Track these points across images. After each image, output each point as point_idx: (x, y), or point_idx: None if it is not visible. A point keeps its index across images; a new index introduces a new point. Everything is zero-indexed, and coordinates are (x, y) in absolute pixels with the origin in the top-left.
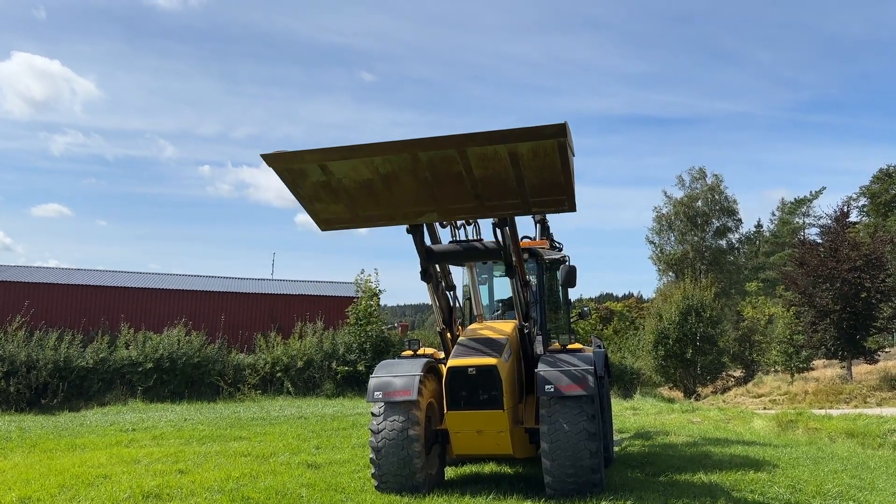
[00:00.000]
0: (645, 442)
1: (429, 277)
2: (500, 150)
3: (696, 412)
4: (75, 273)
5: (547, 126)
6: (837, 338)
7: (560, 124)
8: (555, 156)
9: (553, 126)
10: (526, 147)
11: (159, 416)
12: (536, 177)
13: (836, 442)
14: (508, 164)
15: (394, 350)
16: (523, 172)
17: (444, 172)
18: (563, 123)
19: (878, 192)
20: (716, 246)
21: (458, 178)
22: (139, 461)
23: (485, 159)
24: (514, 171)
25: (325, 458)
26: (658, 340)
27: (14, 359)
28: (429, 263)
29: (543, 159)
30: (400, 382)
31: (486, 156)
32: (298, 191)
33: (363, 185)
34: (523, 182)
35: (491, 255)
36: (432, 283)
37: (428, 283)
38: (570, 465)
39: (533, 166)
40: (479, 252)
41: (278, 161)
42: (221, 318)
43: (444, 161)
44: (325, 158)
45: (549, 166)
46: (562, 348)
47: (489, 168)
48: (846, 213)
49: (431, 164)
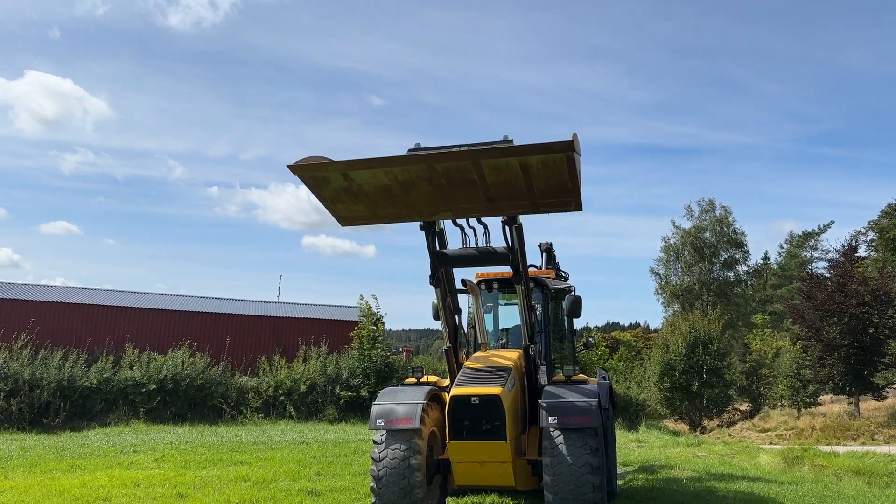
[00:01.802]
0: (649, 476)
1: (438, 282)
2: (511, 161)
3: (701, 446)
4: (82, 292)
5: (557, 143)
6: (845, 373)
7: (568, 141)
8: (563, 166)
9: (562, 143)
10: (536, 159)
11: (161, 438)
12: (545, 183)
13: (842, 480)
14: (519, 172)
15: (397, 376)
16: (533, 180)
17: (459, 179)
18: (570, 141)
19: (887, 227)
20: (723, 278)
21: (471, 184)
22: (139, 484)
23: (497, 169)
24: (525, 178)
25: (326, 485)
26: (664, 372)
27: (17, 377)
28: (439, 267)
29: (552, 169)
30: (402, 410)
31: (499, 166)
32: (321, 194)
33: (382, 190)
34: (532, 187)
35: (500, 259)
36: (440, 290)
37: (437, 287)
38: (572, 498)
39: (542, 175)
40: (488, 255)
41: (305, 171)
42: (227, 340)
43: (459, 170)
44: (347, 168)
45: (557, 174)
46: (566, 380)
47: (501, 176)
48: (854, 247)
49: (447, 172)
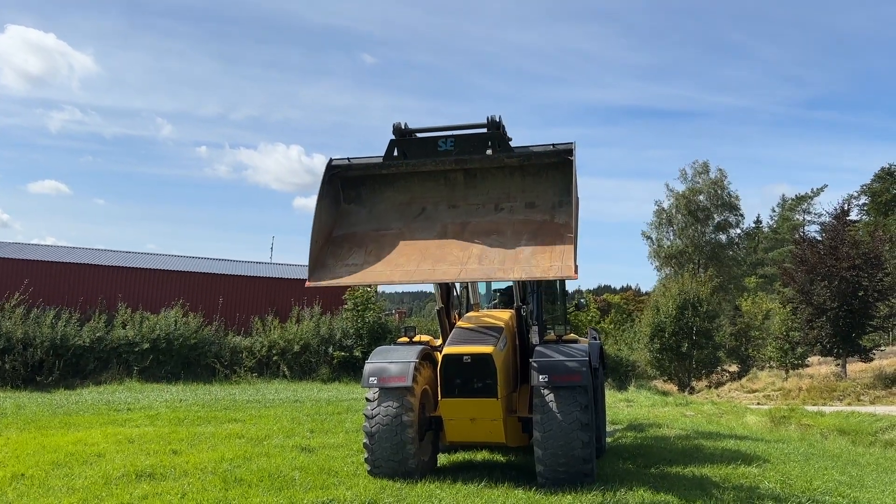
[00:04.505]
0: (637, 434)
1: None
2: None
3: (689, 406)
4: (73, 251)
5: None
6: (833, 335)
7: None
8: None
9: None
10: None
11: (155, 397)
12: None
13: (827, 439)
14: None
15: (390, 336)
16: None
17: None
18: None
19: (879, 191)
20: (715, 241)
21: None
22: (133, 440)
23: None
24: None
25: (319, 441)
26: (654, 333)
27: (10, 336)
28: None
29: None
30: (395, 369)
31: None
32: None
33: None
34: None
35: None
36: None
37: None
38: (562, 454)
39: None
40: None
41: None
42: (219, 300)
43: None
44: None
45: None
46: (557, 339)
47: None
48: (847, 211)
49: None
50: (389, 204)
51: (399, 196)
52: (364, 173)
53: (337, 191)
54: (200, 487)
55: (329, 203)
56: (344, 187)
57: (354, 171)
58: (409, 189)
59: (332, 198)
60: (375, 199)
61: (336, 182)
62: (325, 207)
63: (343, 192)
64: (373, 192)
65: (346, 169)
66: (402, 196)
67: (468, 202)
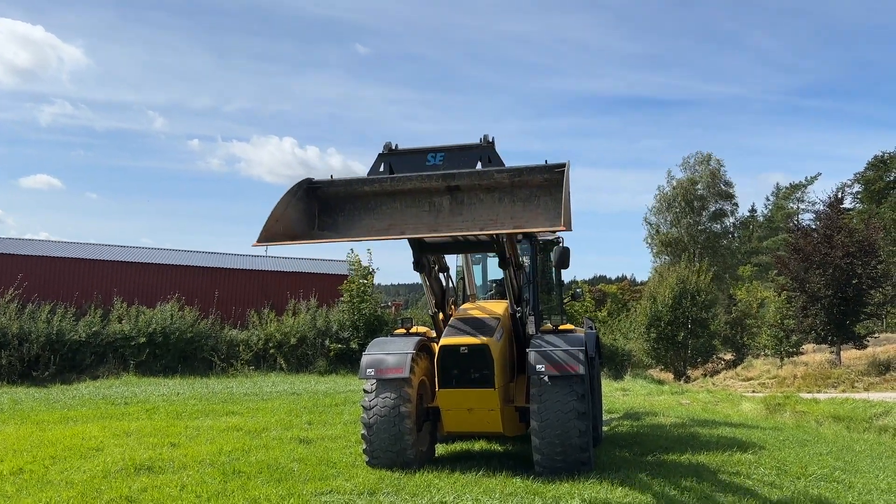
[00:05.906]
0: (634, 422)
1: (422, 267)
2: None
3: (685, 394)
4: (68, 246)
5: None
6: (827, 323)
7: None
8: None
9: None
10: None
11: (152, 391)
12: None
13: (822, 425)
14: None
15: (387, 328)
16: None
17: None
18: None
19: (873, 179)
20: (711, 229)
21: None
22: (131, 434)
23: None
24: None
25: (317, 433)
26: (650, 322)
27: (6, 331)
28: (422, 254)
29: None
30: (392, 360)
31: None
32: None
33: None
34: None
35: (484, 247)
36: (425, 272)
37: (421, 272)
38: (559, 443)
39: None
40: (471, 244)
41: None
42: (215, 293)
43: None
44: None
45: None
46: (553, 329)
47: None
48: (840, 199)
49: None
50: (367, 231)
51: (378, 223)
52: (345, 191)
53: (313, 214)
54: (199, 480)
55: (299, 216)
56: (320, 213)
57: (336, 187)
58: (390, 215)
59: (303, 212)
60: (352, 226)
61: (314, 204)
62: (295, 210)
63: (319, 218)
64: (350, 220)
65: (327, 185)
66: (381, 223)
67: (452, 228)
